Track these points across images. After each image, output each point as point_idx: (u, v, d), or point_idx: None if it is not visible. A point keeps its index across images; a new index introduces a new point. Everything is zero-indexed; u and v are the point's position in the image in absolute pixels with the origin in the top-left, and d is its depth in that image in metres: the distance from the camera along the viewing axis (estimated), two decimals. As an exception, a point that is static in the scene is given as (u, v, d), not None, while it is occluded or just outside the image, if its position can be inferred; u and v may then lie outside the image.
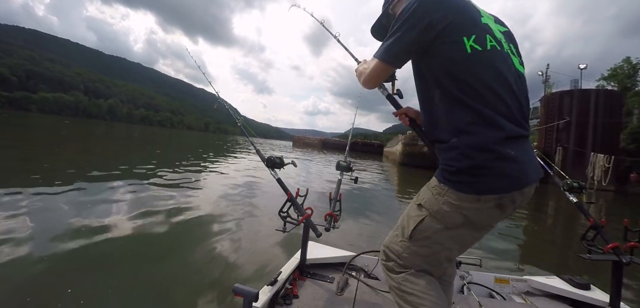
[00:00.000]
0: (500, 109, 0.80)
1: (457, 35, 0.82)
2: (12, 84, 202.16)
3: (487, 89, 0.80)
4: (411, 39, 0.87)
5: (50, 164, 6.91)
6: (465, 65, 0.81)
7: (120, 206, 4.04)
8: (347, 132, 2.12)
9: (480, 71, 0.81)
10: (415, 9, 0.84)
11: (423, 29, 0.84)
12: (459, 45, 0.82)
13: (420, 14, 0.84)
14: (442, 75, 0.85)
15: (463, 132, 0.82)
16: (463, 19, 0.84)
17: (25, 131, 17.58)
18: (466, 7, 0.87)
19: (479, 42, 0.82)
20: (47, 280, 2.15)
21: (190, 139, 35.88)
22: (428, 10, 0.83)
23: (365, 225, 4.46)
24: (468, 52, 0.81)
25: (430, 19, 0.83)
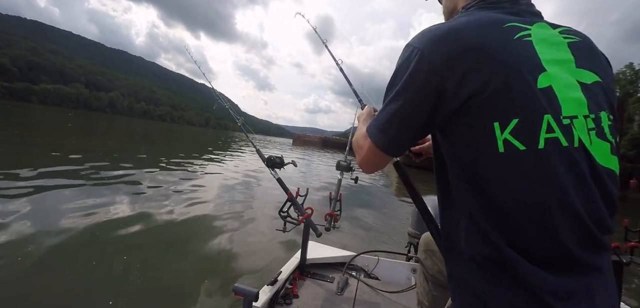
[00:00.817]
0: (540, 248, 0.44)
1: (484, 117, 0.46)
2: (13, 74, 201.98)
3: (524, 216, 0.44)
4: (415, 117, 0.52)
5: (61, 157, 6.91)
6: (491, 172, 0.46)
7: (121, 207, 4.04)
8: (348, 131, 2.10)
9: (516, 184, 0.44)
10: (416, 66, 0.50)
11: (431, 100, 0.49)
12: (485, 136, 0.46)
13: (423, 74, 0.49)
14: (458, 170, 0.51)
15: (480, 268, 0.49)
16: (499, 84, 0.45)
17: (35, 125, 17.56)
18: (508, 53, 0.46)
19: (525, 133, 0.44)
20: (44, 276, 2.15)
21: (191, 135, 35.91)
22: (435, 65, 0.48)
23: (365, 225, 4.46)
24: (500, 152, 0.45)
25: (440, 82, 0.48)
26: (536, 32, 0.49)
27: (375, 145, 0.59)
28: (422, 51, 0.49)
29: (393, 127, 0.55)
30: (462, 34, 0.47)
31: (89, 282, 2.11)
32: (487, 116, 0.45)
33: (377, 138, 0.58)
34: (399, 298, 1.62)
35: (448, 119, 0.50)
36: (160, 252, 2.82)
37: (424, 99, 0.50)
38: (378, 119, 0.58)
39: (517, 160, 0.44)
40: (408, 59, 0.52)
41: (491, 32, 0.48)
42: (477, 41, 0.47)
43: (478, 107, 0.46)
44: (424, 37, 0.51)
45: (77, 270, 2.25)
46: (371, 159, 0.63)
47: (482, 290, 0.48)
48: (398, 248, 2.38)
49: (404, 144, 0.58)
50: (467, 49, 0.46)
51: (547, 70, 0.46)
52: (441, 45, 0.48)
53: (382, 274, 1.92)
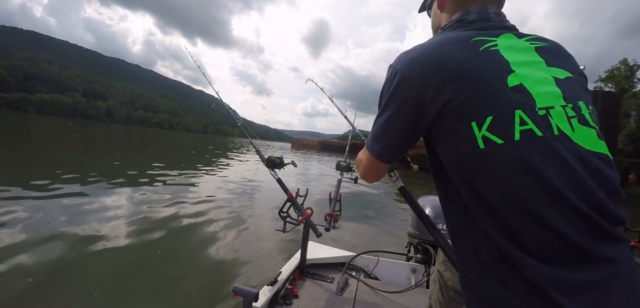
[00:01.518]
0: (540, 241, 0.44)
1: (461, 120, 0.49)
2: (10, 85, 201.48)
3: (514, 208, 0.45)
4: (401, 126, 0.58)
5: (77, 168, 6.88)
6: (477, 169, 0.48)
7: (122, 207, 4.02)
8: (346, 134, 2.11)
9: (500, 178, 0.46)
10: (397, 83, 0.56)
11: (413, 110, 0.55)
12: (465, 136, 0.49)
13: (403, 89, 0.55)
14: (450, 171, 0.54)
15: (486, 268, 0.49)
16: (470, 88, 0.49)
17: (43, 137, 17.48)
18: (476, 62, 0.51)
19: (500, 128, 0.46)
20: (45, 278, 2.14)
21: (189, 141, 35.84)
22: (412, 81, 0.54)
23: (365, 225, 4.46)
24: (480, 148, 0.47)
25: (417, 95, 0.53)
26: (502, 42, 0.54)
27: (371, 155, 0.66)
28: (401, 71, 0.56)
29: (385, 136, 0.62)
30: (433, 52, 0.54)
31: (89, 282, 2.10)
32: (464, 118, 0.49)
33: (372, 148, 0.65)
34: (399, 298, 1.62)
35: (431, 126, 0.55)
36: (160, 252, 2.80)
37: (407, 110, 0.56)
38: (372, 132, 0.65)
39: (497, 153, 0.46)
40: (391, 78, 0.59)
41: (459, 47, 0.53)
42: (446, 56, 0.52)
43: (455, 111, 0.50)
44: (402, 58, 0.59)
45: (76, 271, 2.24)
46: (370, 168, 0.71)
47: (490, 293, 0.48)
48: (398, 249, 2.38)
49: (397, 150, 0.63)
50: (438, 64, 0.52)
51: (515, 71, 0.50)
52: (416, 64, 0.55)
53: (382, 274, 1.92)
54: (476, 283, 0.51)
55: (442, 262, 1.05)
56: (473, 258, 0.51)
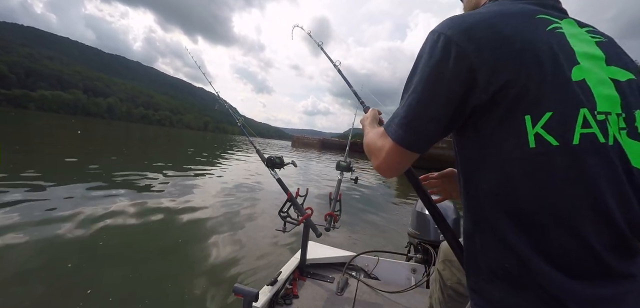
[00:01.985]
0: (568, 254, 0.41)
1: (514, 110, 0.43)
2: (10, 81, 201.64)
3: (552, 218, 0.41)
4: (442, 108, 0.47)
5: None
6: (520, 170, 0.43)
7: (121, 207, 4.03)
8: (347, 132, 2.10)
9: (545, 183, 0.42)
10: (446, 54, 0.46)
11: (461, 91, 0.45)
12: (514, 130, 0.43)
13: (454, 63, 0.45)
14: (484, 171, 0.47)
15: (501, 276, 0.46)
16: (533, 74, 0.42)
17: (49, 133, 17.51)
18: (542, 43, 0.44)
19: (559, 127, 0.41)
20: (44, 279, 2.14)
21: (191, 140, 35.87)
22: (467, 54, 0.44)
23: (365, 225, 4.46)
24: (530, 147, 0.41)
25: (471, 72, 0.44)
26: (567, 27, 0.47)
27: (397, 143, 0.52)
28: (451, 38, 0.45)
29: (417, 120, 0.50)
30: (495, 22, 0.45)
31: (88, 283, 2.10)
32: (518, 109, 0.42)
33: (398, 134, 0.52)
34: (399, 299, 1.62)
35: (475, 113, 0.46)
36: (159, 252, 2.81)
37: (453, 89, 0.46)
38: (398, 115, 0.52)
39: (548, 156, 0.41)
40: (436, 47, 0.47)
41: (523, 22, 0.46)
42: (509, 31, 0.44)
43: (509, 99, 0.43)
44: (453, 23, 0.47)
45: (76, 271, 2.24)
46: (393, 160, 0.55)
47: (500, 298, 0.45)
48: (398, 249, 2.38)
49: (431, 138, 0.51)
50: (499, 38, 0.44)
51: (580, 63, 0.44)
52: (473, 33, 0.45)
53: (382, 274, 1.92)
54: (485, 286, 0.48)
55: (441, 261, 1.04)
56: (485, 260, 0.48)
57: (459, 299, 0.99)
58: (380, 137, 0.57)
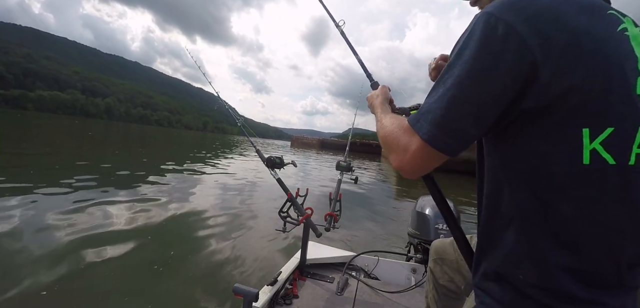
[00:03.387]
0: (598, 270, 0.41)
1: (572, 119, 0.38)
2: (8, 81, 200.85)
3: (594, 237, 0.40)
4: (489, 105, 0.41)
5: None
6: (568, 186, 0.39)
7: (121, 206, 4.02)
8: (346, 132, 2.09)
9: (596, 203, 0.39)
10: (502, 41, 0.39)
11: (516, 87, 0.39)
12: (568, 143, 0.39)
13: (512, 53, 0.38)
14: (519, 182, 0.43)
15: (516, 280, 0.45)
16: (600, 82, 0.37)
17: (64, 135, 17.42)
18: (613, 47, 0.39)
19: (618, 145, 0.38)
20: (40, 280, 2.13)
21: (191, 140, 35.80)
22: (529, 45, 0.37)
23: (365, 225, 4.47)
24: (583, 164, 0.38)
25: (532, 67, 0.38)
26: (631, 28, 0.41)
27: (428, 143, 0.44)
28: (512, 25, 0.38)
29: (458, 118, 0.42)
30: (564, 12, 0.38)
31: (86, 284, 2.09)
32: (576, 120, 0.38)
33: (431, 133, 0.44)
34: (399, 299, 1.62)
35: (523, 117, 0.40)
36: (159, 252, 2.80)
37: (507, 87, 0.39)
38: (432, 110, 0.44)
39: (603, 175, 0.38)
40: (491, 33, 0.39)
41: (595, 17, 0.40)
42: (581, 25, 0.38)
43: (568, 107, 0.37)
44: (513, 7, 0.39)
45: (75, 272, 2.23)
46: (422, 161, 0.47)
47: (509, 300, 0.45)
48: (398, 248, 2.38)
49: (469, 140, 0.44)
50: (569, 33, 0.37)
51: None
52: (539, 22, 0.38)
53: (382, 274, 1.92)
54: (494, 287, 0.47)
55: (433, 260, 1.04)
56: (502, 263, 0.46)
57: (452, 297, 0.99)
58: (405, 132, 0.49)
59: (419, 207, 1.95)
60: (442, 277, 1.00)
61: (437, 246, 1.05)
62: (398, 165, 0.50)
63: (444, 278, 0.99)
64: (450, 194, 1.66)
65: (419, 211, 1.92)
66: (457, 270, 0.95)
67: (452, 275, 0.97)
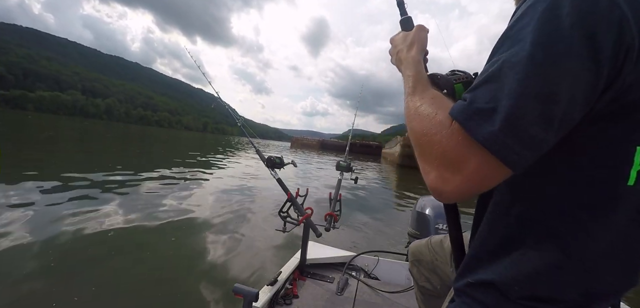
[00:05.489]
0: (607, 292, 0.39)
1: (632, 133, 0.33)
2: (8, 82, 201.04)
3: (615, 263, 0.37)
4: (577, 98, 0.30)
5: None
6: (606, 207, 0.35)
7: (120, 206, 4.01)
8: (345, 133, 2.10)
9: (628, 229, 0.36)
10: (603, 14, 0.29)
11: (610, 74, 0.30)
12: (616, 156, 0.34)
13: (614, 31, 0.29)
14: (547, 197, 0.37)
15: (501, 290, 0.40)
16: None
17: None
18: None
19: None
20: (44, 278, 2.13)
21: (192, 141, 35.79)
22: (629, 24, 0.29)
23: (365, 225, 4.46)
24: (627, 185, 0.34)
25: (627, 52, 0.30)
26: None
27: (495, 156, 0.31)
28: (617, 3, 0.29)
29: (537, 121, 0.30)
30: None
31: (85, 284, 2.09)
32: (635, 135, 0.32)
33: (496, 138, 0.31)
34: (399, 299, 1.62)
35: (586, 120, 0.32)
36: (159, 252, 2.80)
37: (602, 76, 0.30)
38: (498, 103, 0.31)
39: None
40: (587, 4, 0.29)
41: None
42: None
43: (635, 118, 0.32)
44: None
45: (74, 272, 2.23)
46: (476, 183, 0.34)
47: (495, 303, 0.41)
48: (398, 248, 2.38)
49: (542, 152, 0.32)
50: None
51: None
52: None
53: (382, 274, 1.92)
54: (478, 293, 0.43)
55: (411, 261, 1.04)
56: (497, 275, 0.40)
57: (434, 295, 0.99)
58: (455, 136, 0.34)
59: (419, 207, 1.95)
60: (420, 278, 1.00)
61: (413, 248, 1.05)
62: (438, 186, 0.36)
63: (422, 279, 0.99)
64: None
65: (419, 211, 1.92)
66: (432, 271, 0.95)
67: (428, 275, 0.97)
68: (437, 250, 0.93)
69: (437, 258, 0.92)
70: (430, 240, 0.99)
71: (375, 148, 48.87)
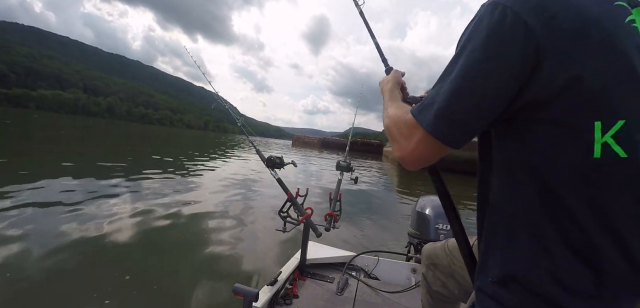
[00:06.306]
0: (614, 271, 0.39)
1: (582, 111, 0.38)
2: (10, 80, 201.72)
3: (608, 235, 0.38)
4: (494, 94, 0.40)
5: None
6: (575, 179, 0.39)
7: (120, 205, 4.03)
8: (347, 132, 2.09)
9: (607, 197, 0.38)
10: (508, 30, 0.38)
11: (521, 74, 0.39)
12: (579, 136, 0.38)
13: (518, 42, 0.38)
14: (523, 176, 0.42)
15: (524, 284, 0.43)
16: (610, 74, 0.37)
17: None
18: (621, 38, 0.38)
19: (629, 138, 0.37)
20: (42, 280, 2.14)
21: (190, 139, 35.82)
22: (534, 32, 0.37)
23: (365, 225, 4.46)
24: (594, 157, 0.37)
25: (537, 55, 0.37)
26: (638, 19, 0.40)
27: (431, 135, 0.44)
28: (517, 13, 0.38)
29: (462, 110, 0.42)
30: (572, 2, 0.38)
31: (85, 283, 2.10)
32: (587, 112, 0.37)
33: (434, 124, 0.43)
34: (399, 299, 1.62)
35: (529, 108, 0.40)
36: (159, 252, 2.81)
37: (511, 77, 0.38)
38: (436, 101, 0.43)
39: (614, 169, 0.37)
40: (494, 21, 0.39)
41: (603, 7, 0.39)
42: (588, 15, 0.37)
43: (578, 98, 0.37)
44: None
45: (74, 272, 2.24)
46: (424, 152, 0.47)
47: (517, 303, 0.43)
48: (398, 248, 2.38)
49: (473, 132, 0.44)
50: (577, 22, 0.37)
51: None
52: (545, 10, 0.37)
53: (382, 274, 1.92)
54: (499, 290, 0.45)
55: (425, 265, 1.02)
56: (508, 266, 0.44)
57: (446, 302, 0.98)
58: (408, 122, 0.49)
59: (419, 207, 1.94)
60: (434, 283, 0.97)
61: (429, 251, 1.02)
62: (400, 155, 0.51)
63: (437, 284, 0.97)
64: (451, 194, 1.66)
65: (419, 211, 1.92)
66: (450, 275, 0.93)
67: (444, 280, 0.94)
68: (455, 254, 0.89)
69: (454, 263, 0.90)
70: (447, 244, 0.95)
71: (376, 146, 48.79)
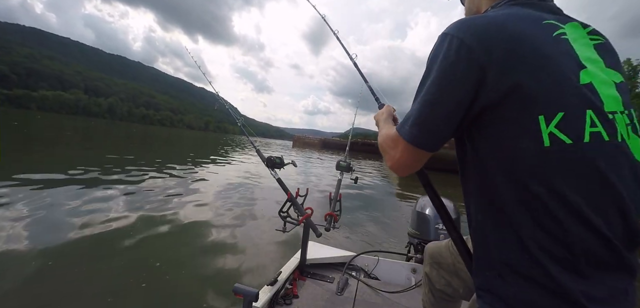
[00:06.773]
0: (583, 246, 0.43)
1: (526, 110, 0.45)
2: (11, 81, 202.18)
3: (570, 213, 0.43)
4: (453, 107, 0.50)
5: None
6: (535, 168, 0.44)
7: (119, 205, 4.03)
8: (347, 132, 2.09)
9: (561, 179, 0.43)
10: (456, 55, 0.48)
11: (471, 89, 0.47)
12: (529, 130, 0.44)
13: (463, 63, 0.47)
14: (494, 171, 0.48)
15: (511, 273, 0.47)
16: (544, 77, 0.44)
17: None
18: (550, 48, 0.47)
19: (571, 126, 0.44)
20: (43, 281, 2.15)
21: (191, 140, 35.82)
22: (476, 54, 0.46)
23: (365, 225, 4.46)
24: (545, 146, 0.44)
25: (481, 72, 0.46)
26: (570, 32, 0.50)
27: (410, 143, 0.54)
28: (462, 40, 0.48)
29: (430, 120, 0.52)
30: (504, 24, 0.47)
31: (87, 282, 2.11)
32: (531, 109, 0.44)
33: (411, 135, 0.54)
34: (399, 299, 1.62)
35: (486, 112, 0.48)
36: (159, 252, 2.81)
37: (463, 89, 0.48)
38: (411, 115, 0.54)
39: (564, 153, 0.43)
40: (445, 47, 0.50)
41: (532, 26, 0.48)
42: (520, 35, 0.46)
43: (521, 100, 0.45)
44: (463, 25, 0.50)
45: (74, 272, 2.25)
46: (407, 159, 0.57)
47: (513, 294, 0.46)
48: (398, 248, 2.38)
49: (443, 137, 0.53)
50: (510, 39, 0.46)
51: (587, 67, 0.47)
52: (483, 35, 0.47)
53: (382, 274, 1.92)
54: (496, 282, 0.49)
55: (428, 264, 1.03)
56: (498, 256, 0.49)
57: (449, 300, 0.98)
58: (393, 139, 0.59)
59: (419, 207, 1.94)
60: (438, 281, 0.98)
61: (432, 250, 1.03)
62: (390, 164, 0.61)
63: (441, 283, 0.98)
64: (451, 195, 1.67)
65: (419, 211, 1.92)
66: (454, 273, 0.94)
67: (449, 278, 0.95)
68: None
69: (459, 261, 0.91)
70: (451, 243, 0.97)
71: (376, 147, 48.71)
